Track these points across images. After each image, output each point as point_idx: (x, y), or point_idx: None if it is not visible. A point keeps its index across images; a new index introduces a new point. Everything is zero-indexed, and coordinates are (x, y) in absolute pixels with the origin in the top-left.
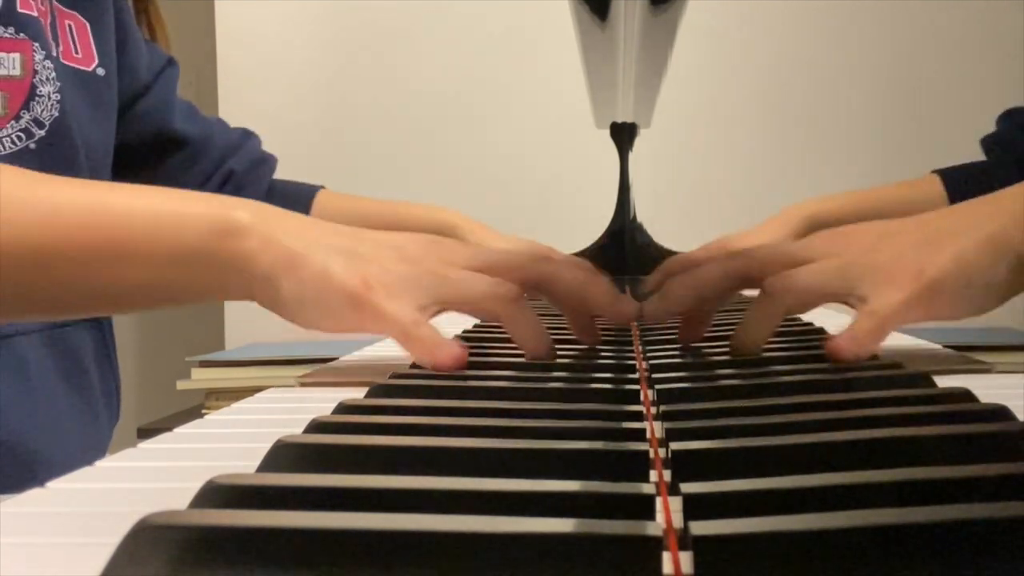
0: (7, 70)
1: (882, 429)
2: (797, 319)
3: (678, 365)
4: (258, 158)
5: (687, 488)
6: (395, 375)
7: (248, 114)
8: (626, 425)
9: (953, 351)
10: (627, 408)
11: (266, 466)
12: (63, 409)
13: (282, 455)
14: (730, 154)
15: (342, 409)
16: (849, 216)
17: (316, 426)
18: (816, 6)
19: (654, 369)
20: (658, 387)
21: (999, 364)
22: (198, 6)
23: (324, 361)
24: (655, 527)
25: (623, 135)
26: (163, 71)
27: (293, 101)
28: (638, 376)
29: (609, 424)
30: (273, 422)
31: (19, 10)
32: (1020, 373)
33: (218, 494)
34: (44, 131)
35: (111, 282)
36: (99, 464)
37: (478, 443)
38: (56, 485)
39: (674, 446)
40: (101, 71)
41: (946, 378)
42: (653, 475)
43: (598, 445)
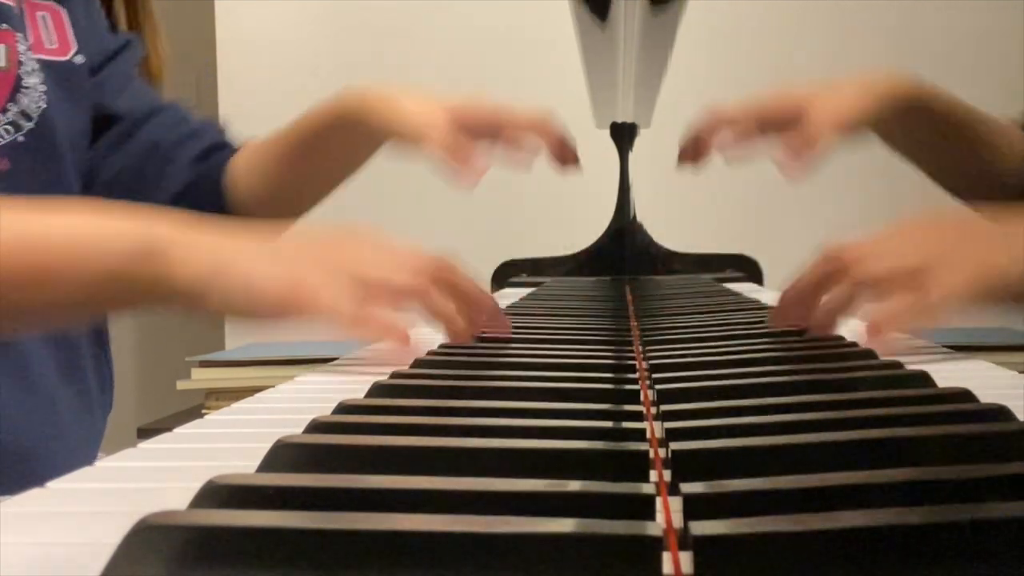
0: None
1: (882, 429)
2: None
3: (678, 365)
4: (189, 132)
5: (687, 488)
6: (395, 375)
7: (248, 114)
8: (626, 425)
9: (953, 351)
10: (627, 408)
11: (266, 466)
12: (62, 406)
13: (282, 455)
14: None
15: (342, 409)
16: (939, 120)
17: (316, 426)
18: (816, 6)
19: (654, 369)
20: (658, 387)
21: (999, 364)
22: (198, 6)
23: (324, 361)
24: (655, 527)
25: (623, 135)
26: (115, 56)
27: (293, 101)
28: (638, 376)
29: (609, 424)
30: (273, 422)
31: None
32: (1020, 373)
33: (218, 494)
34: (32, 123)
35: (38, 306)
36: (99, 464)
37: (478, 443)
38: (56, 485)
39: (674, 446)
40: (80, 58)
41: (944, 366)
42: (653, 475)
43: (598, 445)
